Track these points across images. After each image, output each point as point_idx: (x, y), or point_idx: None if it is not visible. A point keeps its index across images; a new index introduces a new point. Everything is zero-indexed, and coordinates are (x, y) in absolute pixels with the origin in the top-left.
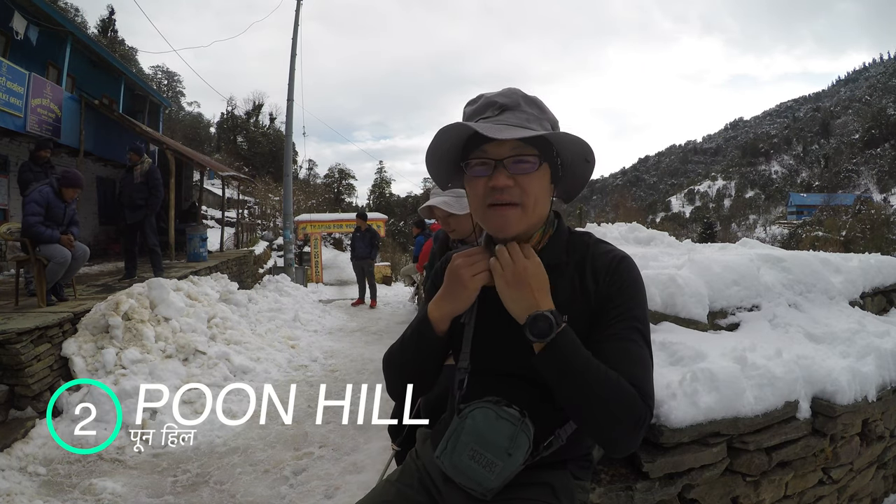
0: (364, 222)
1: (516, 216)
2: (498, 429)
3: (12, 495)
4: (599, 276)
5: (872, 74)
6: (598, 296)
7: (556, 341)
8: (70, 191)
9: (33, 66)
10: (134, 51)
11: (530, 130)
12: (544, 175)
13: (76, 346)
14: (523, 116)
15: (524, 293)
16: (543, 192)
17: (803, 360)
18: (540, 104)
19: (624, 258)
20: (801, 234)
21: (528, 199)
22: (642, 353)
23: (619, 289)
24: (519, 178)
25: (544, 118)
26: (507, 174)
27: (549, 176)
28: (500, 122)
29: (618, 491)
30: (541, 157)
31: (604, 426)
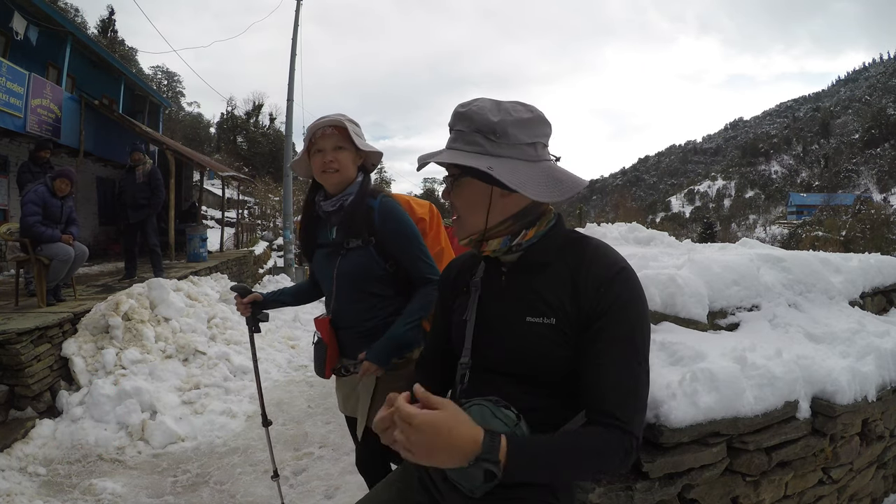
0: None
1: (458, 226)
2: (492, 428)
3: (12, 495)
4: (594, 286)
5: (872, 74)
6: (590, 307)
7: (510, 471)
8: (61, 182)
9: (33, 66)
10: (134, 51)
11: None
12: (467, 187)
13: (76, 346)
14: (453, 136)
15: (439, 456)
16: (470, 203)
17: (803, 360)
18: (470, 116)
19: (622, 270)
20: (801, 234)
21: (457, 211)
22: (630, 376)
23: (614, 304)
24: (450, 193)
25: (471, 129)
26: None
27: (479, 185)
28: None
29: (617, 491)
30: (457, 175)
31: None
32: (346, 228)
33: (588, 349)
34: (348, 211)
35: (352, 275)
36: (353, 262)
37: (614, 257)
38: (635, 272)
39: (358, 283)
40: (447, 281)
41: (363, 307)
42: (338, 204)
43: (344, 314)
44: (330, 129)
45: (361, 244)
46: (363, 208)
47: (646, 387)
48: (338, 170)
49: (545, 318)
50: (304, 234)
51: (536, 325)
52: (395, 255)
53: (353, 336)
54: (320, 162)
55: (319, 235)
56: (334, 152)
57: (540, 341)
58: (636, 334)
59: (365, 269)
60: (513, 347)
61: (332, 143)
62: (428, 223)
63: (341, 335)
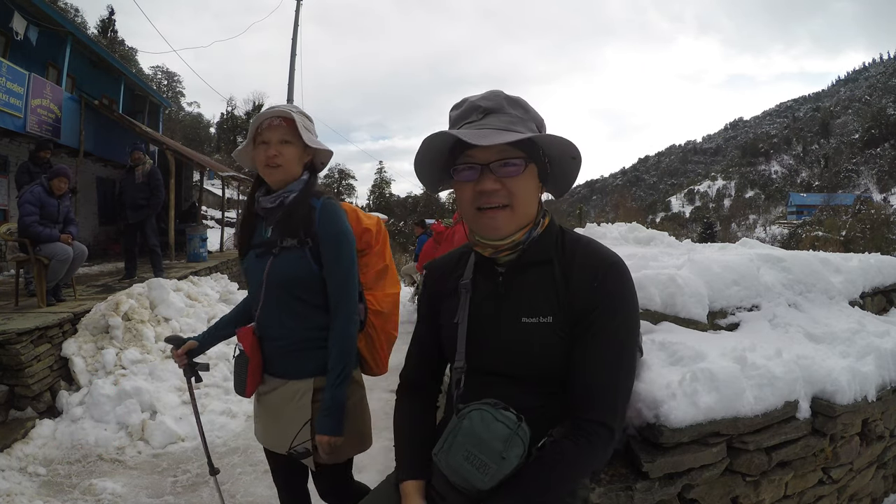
0: None
1: (505, 218)
2: (493, 431)
3: (12, 496)
4: (586, 279)
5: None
6: (582, 300)
7: None
8: (58, 181)
9: (33, 66)
10: (134, 51)
11: (514, 133)
12: (531, 175)
13: (76, 346)
14: (507, 119)
15: None
16: (531, 192)
17: (803, 360)
18: (524, 104)
19: (614, 264)
20: (801, 234)
21: (517, 200)
22: (613, 372)
23: (605, 297)
24: (506, 180)
25: (528, 118)
26: (494, 178)
27: (537, 175)
28: (484, 126)
29: (617, 491)
30: (526, 159)
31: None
32: (282, 226)
33: (576, 342)
34: (288, 208)
35: (282, 277)
36: (286, 263)
37: (606, 252)
38: (627, 267)
39: (288, 288)
40: (431, 283)
41: (290, 316)
42: (277, 200)
43: (270, 323)
44: (277, 121)
45: (297, 245)
46: (305, 207)
47: (629, 380)
48: (280, 165)
49: (541, 317)
50: (242, 232)
51: (532, 325)
52: (326, 263)
53: (278, 349)
54: (264, 155)
55: (255, 234)
56: (279, 146)
57: (537, 341)
58: (624, 329)
59: (297, 272)
60: (509, 348)
61: (279, 136)
62: (374, 236)
63: (266, 347)
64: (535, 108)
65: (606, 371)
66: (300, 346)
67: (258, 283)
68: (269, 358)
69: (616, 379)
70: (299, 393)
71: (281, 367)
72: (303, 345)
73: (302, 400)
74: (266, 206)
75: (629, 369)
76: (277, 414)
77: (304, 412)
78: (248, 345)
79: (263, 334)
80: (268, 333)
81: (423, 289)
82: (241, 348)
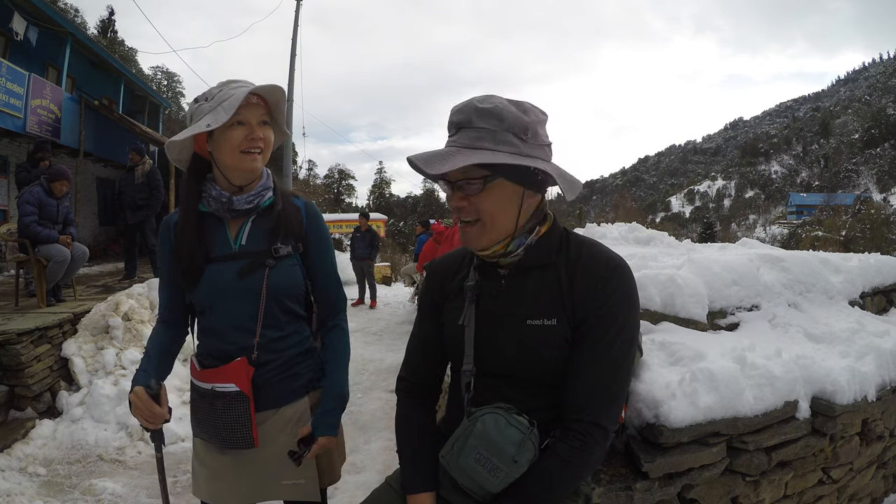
0: (366, 222)
1: (477, 232)
2: (507, 435)
3: (12, 496)
4: (590, 281)
5: (872, 74)
6: (585, 302)
7: None
8: (59, 184)
9: (33, 66)
10: (133, 51)
11: (464, 157)
12: (499, 190)
13: (76, 346)
14: (474, 135)
15: None
16: (501, 206)
17: (803, 360)
18: (498, 113)
19: (618, 267)
20: (800, 233)
21: (484, 216)
22: (610, 374)
23: (608, 299)
24: (471, 198)
25: (502, 128)
26: (462, 195)
27: (513, 186)
28: (454, 143)
29: (617, 491)
30: (488, 177)
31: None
32: (278, 232)
33: (577, 344)
34: (283, 210)
35: (284, 290)
36: (285, 274)
37: (610, 255)
38: (630, 270)
39: (286, 302)
40: (433, 285)
41: (286, 333)
42: (255, 201)
43: (267, 347)
44: (256, 98)
45: (291, 252)
46: (293, 208)
47: (626, 381)
48: (261, 151)
49: (546, 319)
50: (191, 240)
51: (537, 328)
52: (314, 267)
53: (271, 374)
54: (242, 138)
55: (213, 242)
56: (262, 128)
57: (542, 343)
58: (625, 331)
59: (295, 281)
60: (515, 351)
61: (258, 117)
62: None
63: (256, 377)
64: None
65: (602, 373)
66: (294, 362)
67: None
68: (256, 387)
69: (611, 380)
70: (295, 417)
71: (271, 394)
72: (297, 360)
73: (300, 423)
74: (240, 208)
75: (626, 371)
76: (261, 451)
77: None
78: (246, 381)
79: (260, 360)
80: (264, 358)
81: (424, 288)
82: (225, 389)
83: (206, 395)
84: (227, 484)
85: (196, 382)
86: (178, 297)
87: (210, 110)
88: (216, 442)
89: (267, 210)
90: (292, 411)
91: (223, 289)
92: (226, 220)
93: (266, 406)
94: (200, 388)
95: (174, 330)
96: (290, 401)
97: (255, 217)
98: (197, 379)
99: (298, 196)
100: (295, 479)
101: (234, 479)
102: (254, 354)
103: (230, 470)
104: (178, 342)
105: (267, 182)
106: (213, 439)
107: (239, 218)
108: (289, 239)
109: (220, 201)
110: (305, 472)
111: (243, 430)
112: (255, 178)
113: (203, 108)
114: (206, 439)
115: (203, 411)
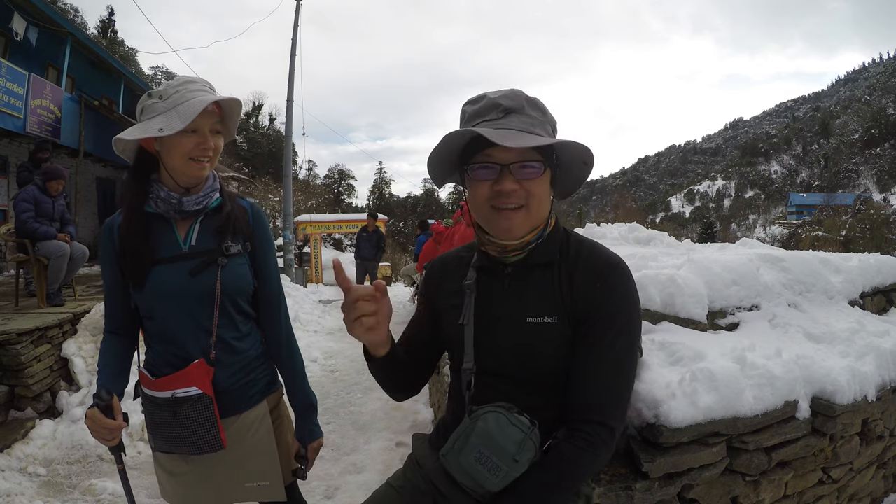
0: (374, 222)
1: (521, 219)
2: (508, 435)
3: (12, 496)
4: (589, 281)
5: (872, 74)
6: (585, 301)
7: None
8: (54, 183)
9: (33, 66)
10: (133, 52)
11: (537, 137)
12: (547, 178)
13: (76, 346)
14: (528, 121)
15: None
16: (545, 195)
17: (803, 360)
18: (541, 106)
19: (617, 266)
20: (800, 233)
21: (533, 201)
22: (613, 373)
23: (607, 299)
24: (524, 182)
25: (545, 121)
26: (513, 178)
27: (549, 176)
28: (504, 125)
29: (617, 491)
30: (545, 163)
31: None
32: (227, 231)
33: (577, 344)
34: (232, 210)
35: (237, 289)
36: (237, 273)
37: (609, 254)
38: (629, 270)
39: (239, 302)
40: (432, 282)
41: (241, 334)
42: (203, 202)
43: (224, 348)
44: (211, 106)
45: (240, 251)
46: (241, 208)
47: (630, 381)
48: (210, 159)
49: (546, 317)
50: (136, 242)
51: (538, 325)
52: (260, 266)
53: (230, 377)
54: (193, 146)
55: (160, 243)
56: (213, 137)
57: (542, 341)
58: (626, 331)
59: (246, 281)
60: (515, 349)
61: (211, 124)
62: None
63: (216, 383)
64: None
65: (606, 372)
66: (251, 367)
67: (195, 302)
68: (217, 394)
69: (616, 380)
70: (256, 421)
71: (231, 401)
72: (253, 364)
73: (261, 427)
74: (189, 209)
75: (629, 371)
76: (223, 457)
77: (267, 440)
78: (207, 382)
79: (218, 364)
80: (221, 360)
81: (424, 286)
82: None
83: (166, 403)
84: (194, 490)
85: (151, 393)
86: (124, 304)
87: (163, 111)
88: (183, 451)
89: (215, 210)
90: (253, 416)
91: (174, 290)
92: (174, 221)
93: (228, 413)
94: (157, 399)
95: (124, 339)
96: (249, 406)
97: (204, 218)
98: (152, 389)
99: (244, 197)
100: (259, 480)
101: (200, 484)
102: (211, 354)
103: (195, 475)
104: (129, 350)
105: (214, 184)
106: (178, 448)
107: (188, 219)
108: (237, 238)
109: (169, 202)
110: (269, 473)
111: (210, 433)
112: (202, 182)
113: (157, 106)
114: (172, 450)
115: (164, 422)
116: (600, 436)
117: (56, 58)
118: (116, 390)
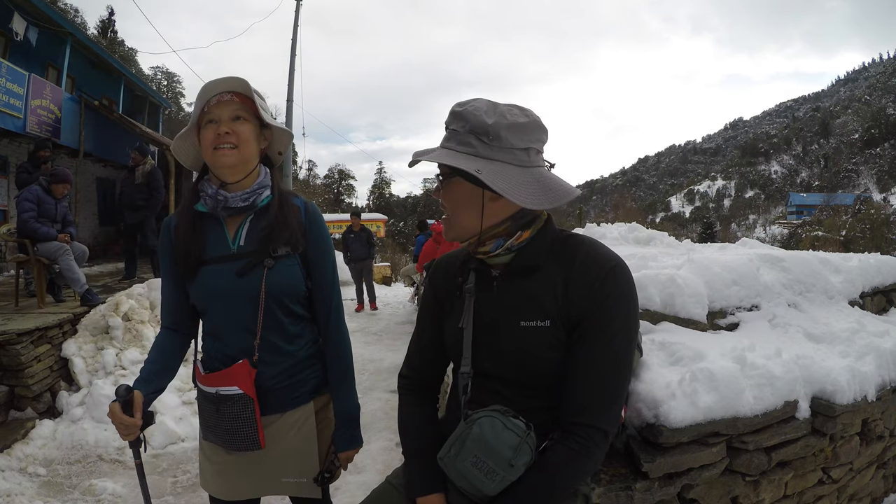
0: (359, 221)
1: (447, 225)
2: (503, 439)
3: (12, 496)
4: (587, 281)
5: (872, 74)
6: (582, 302)
7: None
8: (60, 187)
9: (33, 66)
10: (133, 52)
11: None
12: (455, 187)
13: (76, 346)
14: (448, 135)
15: None
16: (461, 204)
17: (803, 360)
18: (465, 115)
19: (615, 267)
20: (800, 233)
21: (447, 211)
22: (609, 375)
23: (605, 299)
24: (441, 192)
25: (466, 130)
26: (438, 188)
27: (468, 187)
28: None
29: (617, 491)
30: (448, 174)
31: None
32: (276, 231)
33: (574, 345)
34: (282, 209)
35: (282, 291)
36: (285, 274)
37: (607, 254)
38: (628, 268)
39: (287, 304)
40: (435, 283)
41: (289, 336)
42: (251, 199)
43: (269, 349)
44: (228, 96)
45: (290, 252)
46: (293, 207)
47: (625, 383)
48: (236, 146)
49: (539, 321)
50: (187, 241)
51: (531, 329)
52: (314, 268)
53: (275, 378)
54: (212, 136)
55: (211, 243)
56: (232, 123)
57: (536, 345)
58: (623, 331)
59: (295, 282)
60: (509, 353)
61: (230, 113)
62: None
63: (259, 379)
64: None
65: (602, 374)
66: (300, 368)
67: (242, 301)
68: (262, 392)
69: (611, 382)
70: (300, 421)
71: (276, 400)
72: (302, 366)
73: (304, 427)
74: (234, 206)
75: (625, 373)
76: (263, 453)
77: (309, 440)
78: (249, 383)
79: (261, 361)
80: (265, 361)
81: (426, 288)
82: (228, 392)
83: (212, 398)
84: (233, 480)
85: (201, 386)
86: (181, 299)
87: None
88: (223, 444)
89: (265, 209)
90: (297, 415)
91: (222, 290)
92: (223, 220)
93: (271, 410)
94: (205, 392)
95: (177, 335)
96: (295, 405)
97: (253, 216)
98: (201, 383)
99: (298, 195)
100: (297, 476)
101: (239, 476)
102: (255, 356)
103: (236, 467)
104: (182, 347)
105: (264, 180)
106: (220, 441)
107: (236, 217)
108: (288, 238)
109: (215, 199)
110: (308, 472)
111: (249, 433)
112: (244, 174)
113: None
114: (214, 441)
115: (209, 415)
116: (593, 438)
117: (56, 58)
118: (153, 387)
